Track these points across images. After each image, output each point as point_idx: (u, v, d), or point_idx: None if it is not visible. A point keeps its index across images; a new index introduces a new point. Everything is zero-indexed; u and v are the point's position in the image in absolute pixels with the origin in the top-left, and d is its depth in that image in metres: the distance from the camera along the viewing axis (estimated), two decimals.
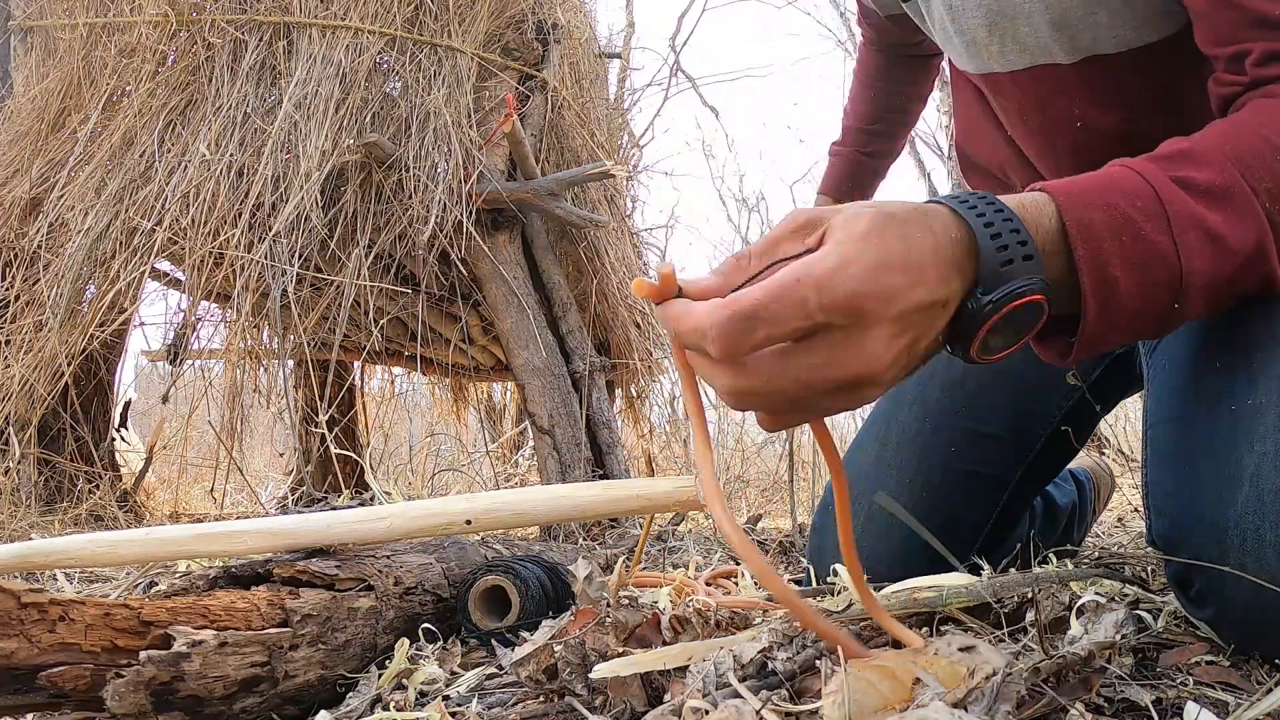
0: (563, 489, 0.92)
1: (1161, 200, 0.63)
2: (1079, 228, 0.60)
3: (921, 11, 1.04)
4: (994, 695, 0.47)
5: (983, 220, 0.57)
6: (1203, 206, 0.64)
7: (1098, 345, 0.65)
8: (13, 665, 0.56)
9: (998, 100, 1.01)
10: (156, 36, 2.78)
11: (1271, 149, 0.67)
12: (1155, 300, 0.63)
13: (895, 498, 1.09)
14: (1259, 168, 0.66)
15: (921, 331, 0.56)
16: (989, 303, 0.56)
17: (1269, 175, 0.65)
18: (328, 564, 0.81)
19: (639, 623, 0.70)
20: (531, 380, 2.57)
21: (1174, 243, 0.62)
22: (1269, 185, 0.65)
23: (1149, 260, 0.62)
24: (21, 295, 2.59)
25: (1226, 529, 0.64)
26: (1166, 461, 0.74)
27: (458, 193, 2.55)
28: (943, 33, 1.01)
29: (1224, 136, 0.68)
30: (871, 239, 0.53)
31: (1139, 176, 0.65)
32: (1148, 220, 0.62)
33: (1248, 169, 0.66)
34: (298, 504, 2.68)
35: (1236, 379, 0.70)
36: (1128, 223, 0.62)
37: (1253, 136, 0.68)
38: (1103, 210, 0.62)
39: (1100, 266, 0.61)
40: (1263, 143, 0.67)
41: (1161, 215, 0.63)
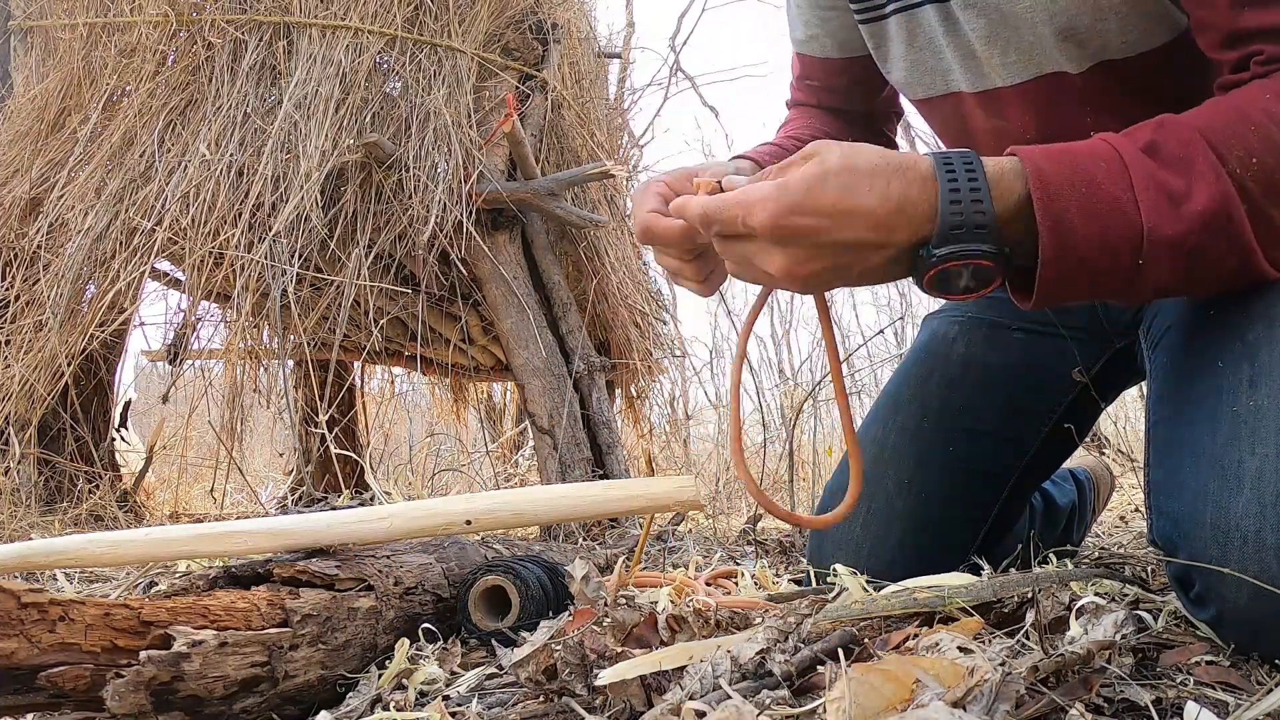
0: (563, 489, 0.92)
1: (1125, 162, 0.68)
2: (1038, 177, 0.67)
3: (888, 33, 1.00)
4: (993, 695, 0.47)
5: (952, 184, 0.66)
6: (1166, 171, 0.67)
7: (1059, 292, 0.69)
8: (13, 665, 0.56)
9: (992, 119, 0.98)
10: (156, 36, 2.78)
11: (1243, 118, 0.69)
12: (1115, 252, 0.67)
13: (894, 496, 1.10)
14: (1230, 136, 0.68)
15: (844, 262, 0.68)
16: (933, 257, 0.67)
17: (1239, 143, 0.68)
18: (328, 564, 0.81)
19: (636, 622, 0.70)
20: (531, 380, 2.57)
21: (1134, 200, 0.66)
22: (1239, 153, 0.67)
23: (1107, 212, 0.66)
24: (21, 295, 2.59)
25: (1228, 531, 0.65)
26: (1168, 462, 0.74)
27: (458, 193, 2.55)
28: (926, 52, 0.98)
29: (1202, 111, 0.71)
30: (813, 183, 0.67)
31: (1108, 144, 0.69)
32: (1109, 179, 0.67)
33: (1218, 137, 0.68)
34: (298, 504, 2.68)
35: (1238, 380, 0.70)
36: (1088, 178, 0.67)
37: (1229, 110, 0.70)
38: (1066, 166, 0.68)
39: (1056, 213, 0.66)
40: (1237, 114, 0.69)
41: (1124, 175, 0.67)
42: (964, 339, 1.14)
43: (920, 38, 0.97)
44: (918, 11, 0.96)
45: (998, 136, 0.98)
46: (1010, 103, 0.95)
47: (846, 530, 1.11)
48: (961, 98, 0.98)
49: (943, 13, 0.94)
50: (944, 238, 0.66)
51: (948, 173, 0.67)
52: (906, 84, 1.03)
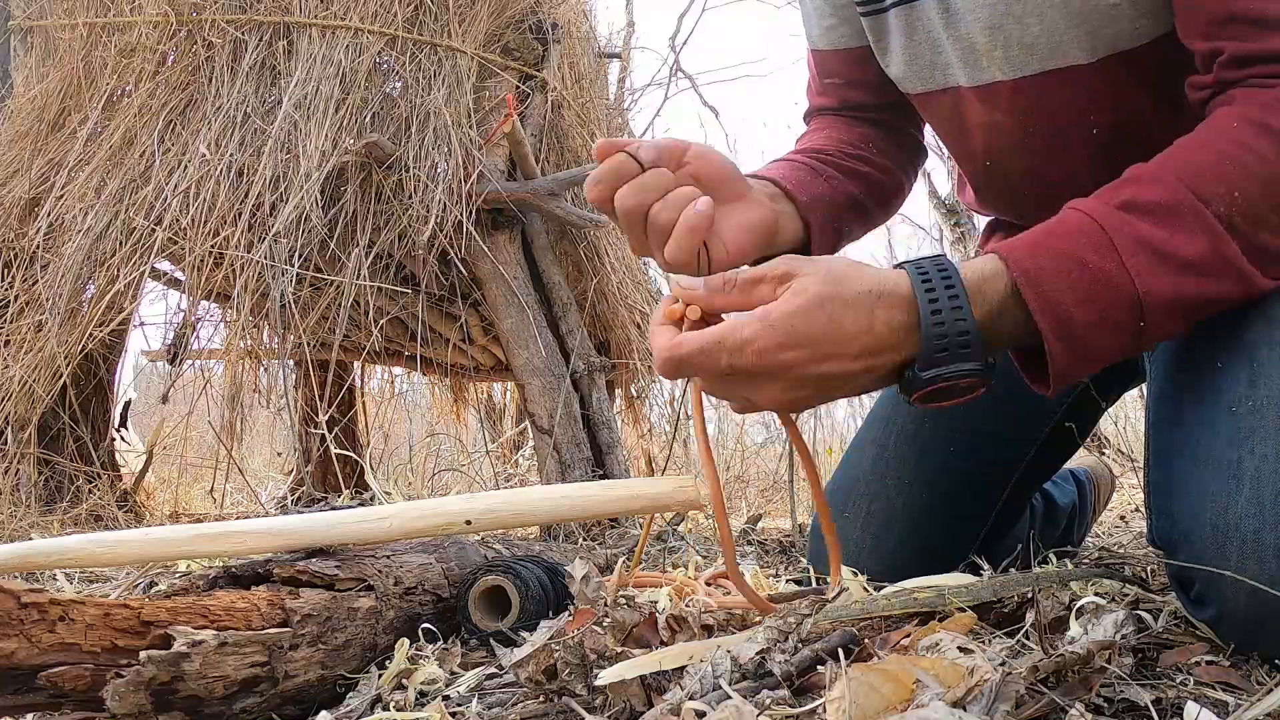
0: (563, 489, 0.92)
1: (1105, 230, 0.67)
2: (1026, 278, 0.67)
3: (888, 26, 0.99)
4: (993, 695, 0.47)
5: (932, 302, 0.67)
6: (1149, 225, 0.67)
7: (1076, 376, 0.70)
8: (13, 665, 0.56)
9: (989, 114, 0.96)
10: (156, 36, 2.78)
11: (1218, 155, 0.69)
12: (1118, 325, 0.67)
13: (894, 497, 1.10)
14: (1208, 176, 0.68)
15: (830, 388, 0.70)
16: (922, 379, 0.68)
17: (1219, 182, 0.67)
18: (328, 564, 0.81)
19: (636, 622, 0.70)
20: (531, 380, 2.56)
21: (1123, 266, 0.66)
22: (1220, 191, 0.67)
23: (1100, 289, 0.66)
24: (21, 295, 2.59)
25: (1227, 531, 0.65)
26: (1168, 461, 0.75)
27: (458, 193, 2.55)
28: (924, 45, 0.97)
29: (1177, 154, 0.71)
30: (796, 319, 0.67)
31: (1083, 214, 0.69)
32: (1094, 252, 0.67)
33: (1197, 180, 0.68)
34: (298, 504, 2.68)
35: (1237, 379, 0.70)
36: (1075, 260, 0.67)
37: (1200, 148, 0.70)
38: (1048, 255, 0.68)
39: (1053, 307, 0.67)
40: (1210, 151, 0.69)
41: (1107, 243, 0.67)
42: None
43: (919, 31, 0.96)
44: (917, 5, 0.95)
45: (992, 132, 0.97)
46: (1009, 98, 0.93)
47: (847, 531, 1.11)
48: (959, 92, 0.96)
49: (942, 6, 0.93)
50: (929, 360, 0.68)
51: (926, 289, 0.68)
52: (904, 78, 1.01)
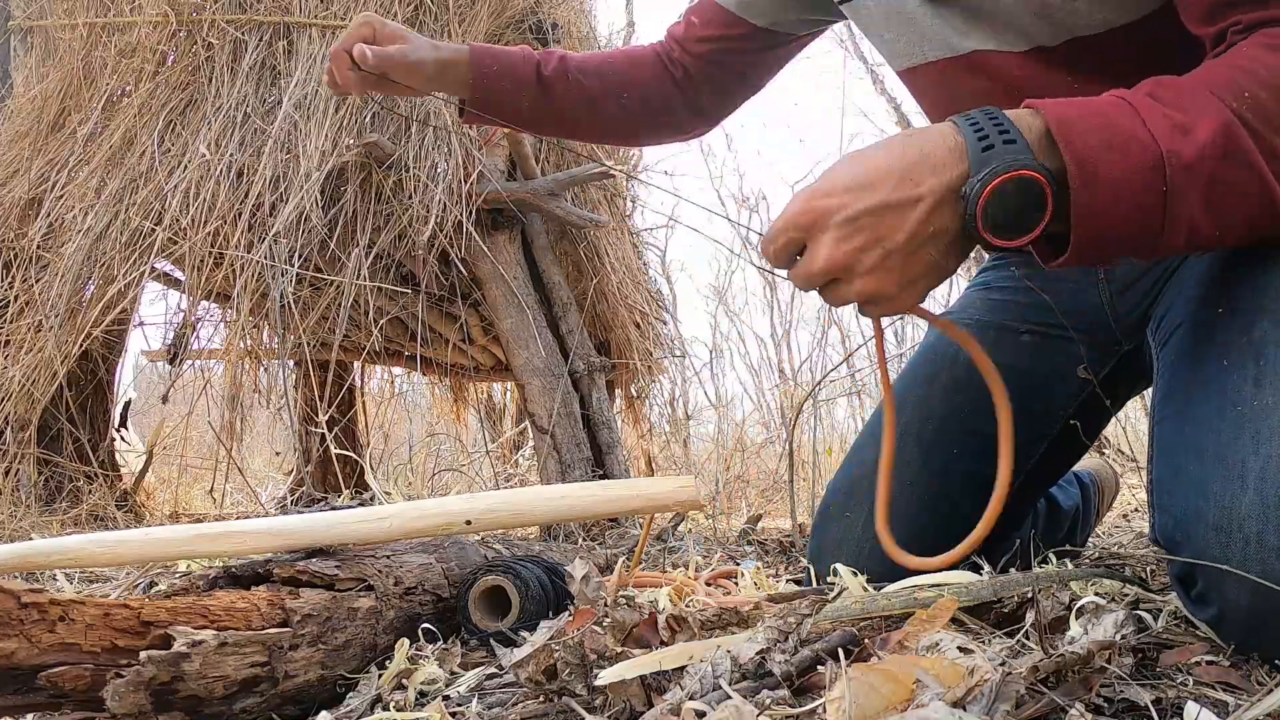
0: (563, 489, 0.92)
1: (1131, 103, 0.69)
2: (1058, 122, 0.68)
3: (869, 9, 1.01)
4: (993, 695, 0.47)
5: (973, 125, 0.68)
6: (1170, 109, 0.69)
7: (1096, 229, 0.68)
8: (13, 665, 0.56)
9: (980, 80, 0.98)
10: (156, 36, 2.78)
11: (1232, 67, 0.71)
12: (1142, 182, 0.67)
13: (896, 499, 1.09)
14: (1224, 82, 0.70)
15: (884, 230, 0.68)
16: (976, 181, 0.66)
17: (1232, 86, 0.70)
18: (328, 564, 0.81)
19: (636, 622, 0.70)
20: (531, 380, 2.56)
21: (1146, 128, 0.68)
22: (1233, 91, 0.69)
23: (1125, 140, 0.67)
24: (21, 295, 2.59)
25: (1230, 531, 0.65)
26: (1172, 460, 0.74)
27: (458, 193, 2.55)
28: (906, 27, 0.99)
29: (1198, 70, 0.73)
30: (827, 172, 0.71)
31: (1111, 95, 0.71)
32: (1121, 115, 0.69)
33: (1213, 84, 0.70)
34: (297, 504, 2.68)
35: (1243, 379, 0.70)
36: (1103, 117, 0.68)
37: (1219, 65, 0.72)
38: (1079, 108, 0.69)
39: (1080, 148, 0.67)
40: (1227, 66, 0.72)
41: (1132, 111, 0.69)
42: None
43: (894, 17, 0.99)
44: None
45: (985, 97, 0.98)
46: (996, 65, 0.95)
47: (847, 530, 1.11)
48: (945, 63, 0.98)
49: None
50: (980, 162, 0.66)
51: (966, 120, 0.69)
52: (890, 56, 1.05)
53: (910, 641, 0.61)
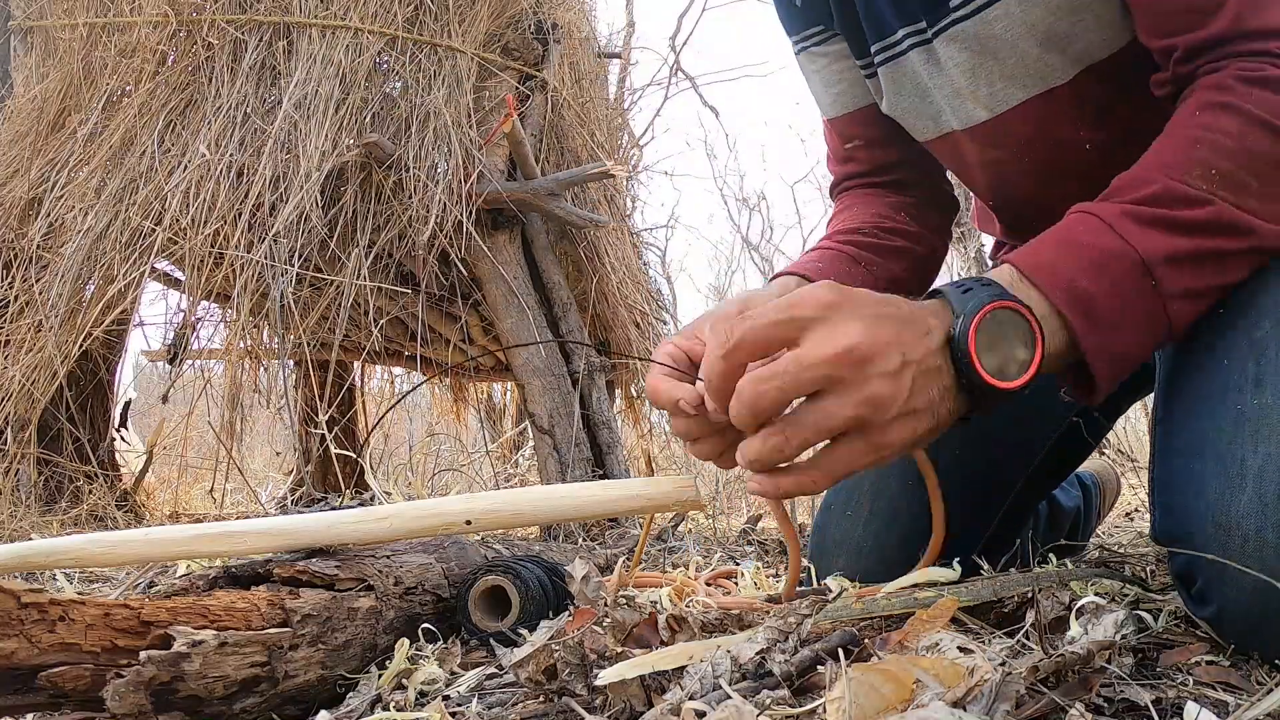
0: (563, 489, 0.92)
1: (1098, 215, 0.70)
2: (1034, 267, 0.69)
3: (880, 85, 1.02)
4: (993, 695, 0.47)
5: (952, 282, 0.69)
6: (1143, 206, 0.70)
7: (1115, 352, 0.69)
8: (13, 665, 0.56)
9: (988, 151, 0.99)
10: (156, 36, 2.78)
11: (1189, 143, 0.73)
12: (1131, 289, 0.68)
13: (898, 499, 1.09)
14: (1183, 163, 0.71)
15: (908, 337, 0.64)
16: (961, 316, 0.65)
17: (1195, 165, 0.71)
18: (328, 564, 0.81)
19: (636, 622, 0.70)
20: (531, 380, 2.57)
21: (1119, 237, 0.69)
22: (1198, 173, 0.71)
23: (1102, 258, 0.68)
24: (21, 295, 2.59)
25: (1229, 529, 0.65)
26: (1172, 458, 0.74)
27: (458, 193, 2.55)
28: (915, 98, 1.00)
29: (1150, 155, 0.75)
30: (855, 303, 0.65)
31: (1081, 211, 0.72)
32: (1090, 234, 0.70)
33: (1174, 168, 0.71)
34: (297, 504, 2.68)
35: (1244, 378, 0.70)
36: (1074, 244, 0.69)
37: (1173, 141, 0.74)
38: (1047, 246, 0.70)
39: (1064, 283, 0.67)
40: (1182, 142, 0.73)
41: (1100, 225, 0.70)
42: None
43: (907, 85, 1.00)
44: (902, 59, 0.98)
45: (995, 168, 1.01)
46: (1002, 132, 0.96)
47: (848, 530, 1.11)
48: (956, 136, 1.00)
49: (925, 54, 0.96)
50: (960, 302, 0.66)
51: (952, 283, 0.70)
52: (907, 128, 1.05)
53: (910, 641, 0.61)
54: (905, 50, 0.97)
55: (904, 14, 0.95)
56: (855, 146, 1.14)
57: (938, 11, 0.92)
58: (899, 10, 0.95)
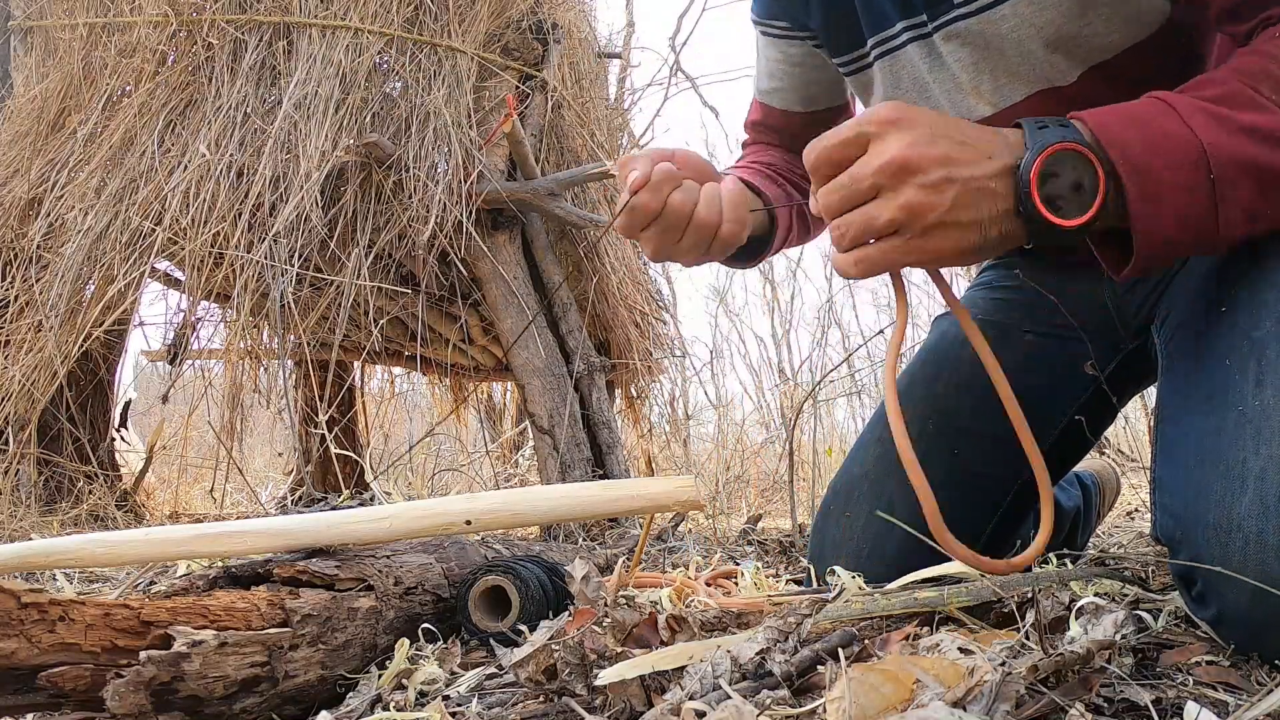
0: (562, 489, 0.92)
1: (1169, 103, 0.71)
2: (1100, 128, 0.69)
3: (873, 79, 1.04)
4: (993, 695, 0.47)
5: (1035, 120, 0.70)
6: (1209, 103, 0.70)
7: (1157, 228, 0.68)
8: (13, 665, 0.56)
9: None
10: (156, 36, 2.78)
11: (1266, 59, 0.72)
12: (1187, 175, 0.67)
13: (897, 498, 1.09)
14: (1259, 73, 0.71)
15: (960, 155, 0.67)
16: (1029, 152, 0.67)
17: (1269, 77, 0.71)
18: (328, 564, 0.81)
19: (636, 622, 0.70)
20: (531, 380, 2.57)
21: (1185, 124, 0.68)
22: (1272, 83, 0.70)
23: (1165, 141, 0.67)
24: (21, 295, 2.59)
25: (1229, 531, 0.64)
26: (1173, 459, 0.74)
27: (458, 193, 2.55)
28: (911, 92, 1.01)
29: (1230, 64, 0.74)
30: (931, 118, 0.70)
31: (1154, 97, 0.72)
32: (1160, 116, 0.69)
33: (1249, 76, 0.71)
34: (297, 504, 2.68)
35: (1245, 378, 0.69)
36: (1140, 120, 0.69)
37: (1251, 56, 0.74)
38: (1117, 114, 0.70)
39: (1124, 153, 0.67)
40: (1260, 57, 0.73)
41: (1170, 111, 0.70)
42: None
43: (905, 79, 1.00)
44: (900, 53, 0.99)
45: None
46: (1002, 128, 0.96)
47: (847, 530, 1.11)
48: None
49: (925, 48, 0.96)
50: (1034, 136, 0.68)
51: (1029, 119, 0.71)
52: None
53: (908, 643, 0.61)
54: (903, 44, 0.97)
55: (904, 7, 0.95)
56: (768, 128, 1.24)
57: (939, 6, 0.93)
58: (899, 4, 0.96)
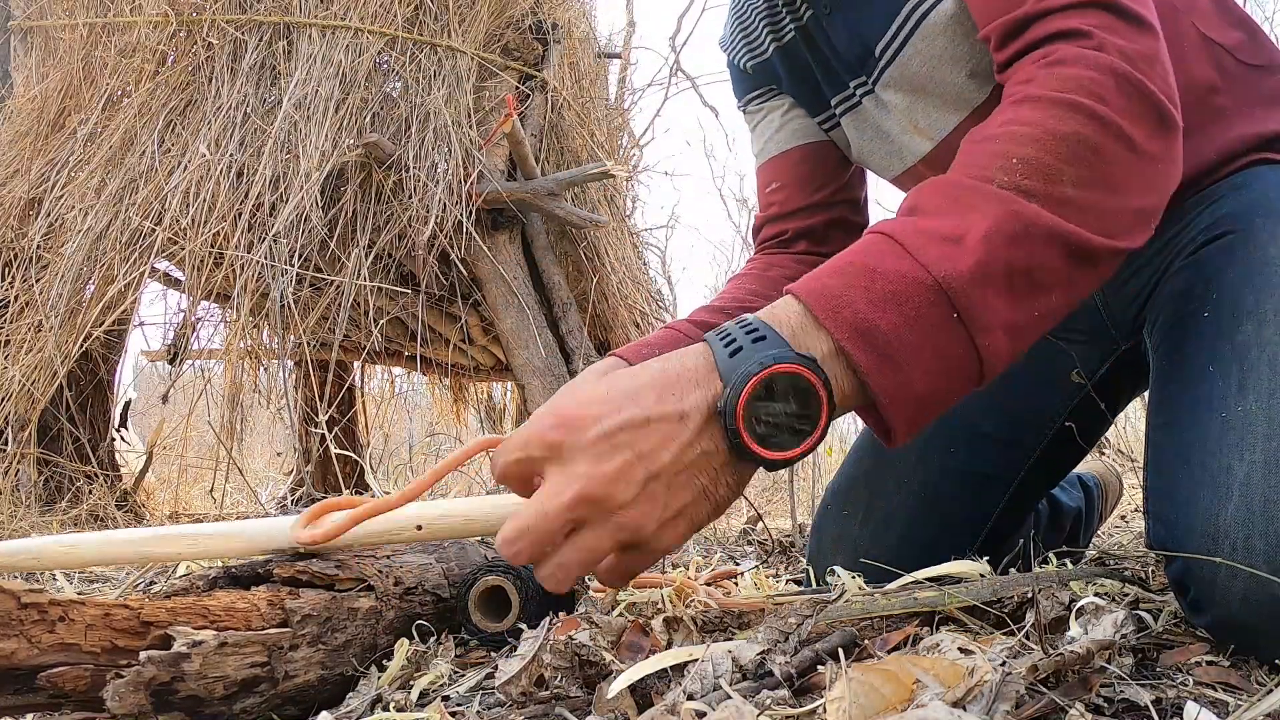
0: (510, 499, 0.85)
1: (892, 236, 0.62)
2: (814, 296, 0.60)
3: (846, 133, 1.07)
4: (993, 695, 0.47)
5: (720, 335, 0.60)
6: (934, 221, 0.62)
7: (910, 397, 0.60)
8: (13, 665, 0.56)
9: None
10: (156, 36, 2.78)
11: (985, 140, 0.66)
12: (928, 320, 0.59)
13: (892, 497, 1.09)
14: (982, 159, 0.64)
15: (647, 447, 0.57)
16: (729, 389, 0.57)
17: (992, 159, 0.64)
18: (328, 564, 0.81)
19: (623, 627, 0.70)
20: (531, 380, 2.57)
21: (914, 260, 0.59)
22: (998, 164, 0.63)
23: (897, 289, 0.59)
24: (21, 295, 2.60)
25: (1217, 538, 0.65)
26: (1162, 467, 0.75)
27: (458, 193, 2.56)
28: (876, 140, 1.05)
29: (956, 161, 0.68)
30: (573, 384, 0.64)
31: (870, 233, 0.64)
32: (884, 258, 0.60)
33: (973, 167, 0.64)
34: (297, 504, 2.68)
35: (1228, 385, 0.70)
36: (864, 270, 0.60)
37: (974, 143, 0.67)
38: (836, 274, 0.61)
39: (850, 318, 0.59)
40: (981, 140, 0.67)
41: (896, 247, 0.61)
42: None
43: (868, 128, 1.05)
44: (859, 107, 1.04)
45: None
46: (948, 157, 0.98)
47: (846, 528, 1.11)
48: (917, 169, 1.04)
49: (874, 101, 1.02)
50: (728, 368, 0.58)
51: (717, 333, 0.61)
52: (877, 169, 1.10)
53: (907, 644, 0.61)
54: (859, 100, 1.04)
55: (850, 70, 1.02)
56: (775, 189, 1.15)
57: (870, 64, 0.99)
58: (846, 68, 1.02)
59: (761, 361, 0.56)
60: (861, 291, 0.59)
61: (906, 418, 0.61)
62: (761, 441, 0.57)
